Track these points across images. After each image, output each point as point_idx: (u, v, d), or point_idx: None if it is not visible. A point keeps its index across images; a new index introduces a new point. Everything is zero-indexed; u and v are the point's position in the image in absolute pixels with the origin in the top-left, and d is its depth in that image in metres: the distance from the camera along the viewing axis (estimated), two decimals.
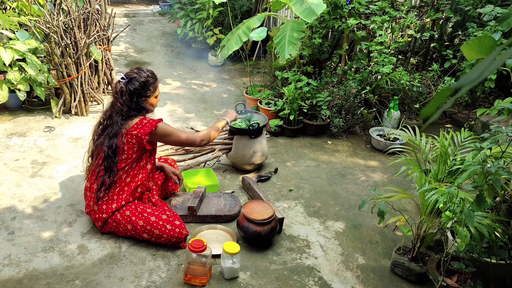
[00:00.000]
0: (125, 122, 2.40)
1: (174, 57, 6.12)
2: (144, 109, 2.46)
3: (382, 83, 3.95)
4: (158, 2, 8.18)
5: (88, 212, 2.51)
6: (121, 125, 2.39)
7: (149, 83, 2.44)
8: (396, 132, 2.49)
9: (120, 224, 2.41)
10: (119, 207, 2.42)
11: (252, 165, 3.21)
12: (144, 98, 2.44)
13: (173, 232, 2.36)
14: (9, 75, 3.68)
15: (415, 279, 2.24)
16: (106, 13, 4.30)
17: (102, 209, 2.42)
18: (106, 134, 2.41)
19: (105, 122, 2.46)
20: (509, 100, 1.86)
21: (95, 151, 2.49)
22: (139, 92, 2.41)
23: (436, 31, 4.53)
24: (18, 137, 3.61)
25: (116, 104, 2.41)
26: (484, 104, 4.28)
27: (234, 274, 2.21)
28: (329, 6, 3.93)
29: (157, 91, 2.51)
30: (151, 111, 2.52)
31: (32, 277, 2.16)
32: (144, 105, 2.44)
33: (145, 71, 2.46)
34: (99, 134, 2.48)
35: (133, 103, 2.40)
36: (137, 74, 2.42)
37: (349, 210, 2.87)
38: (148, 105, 2.48)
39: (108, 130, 2.42)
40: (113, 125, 2.40)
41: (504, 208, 2.19)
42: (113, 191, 2.43)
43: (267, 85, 4.66)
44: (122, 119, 2.40)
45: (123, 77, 2.41)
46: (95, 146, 2.50)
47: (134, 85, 2.39)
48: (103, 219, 2.42)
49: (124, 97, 2.39)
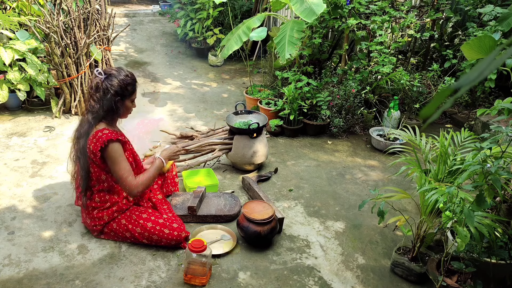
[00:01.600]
0: (96, 123, 2.27)
1: (174, 57, 6.12)
2: (116, 111, 2.30)
3: (382, 83, 3.95)
4: (158, 2, 8.17)
5: (84, 222, 2.50)
6: (92, 125, 2.26)
7: (127, 83, 2.29)
8: (396, 132, 2.49)
9: (118, 233, 2.40)
10: (111, 219, 2.39)
11: (252, 165, 3.21)
12: (119, 98, 2.28)
13: (171, 236, 2.35)
14: (9, 75, 3.68)
15: (415, 279, 2.24)
16: (106, 13, 4.30)
17: (94, 222, 2.39)
18: (78, 135, 2.31)
19: (80, 125, 2.35)
20: (509, 100, 1.86)
21: (74, 155, 2.39)
22: (115, 90, 2.25)
23: (436, 31, 4.53)
24: (18, 137, 3.61)
25: (89, 100, 2.28)
26: (484, 104, 4.28)
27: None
28: (329, 6, 3.93)
29: (134, 95, 2.37)
30: (123, 116, 2.39)
31: (32, 277, 2.16)
32: (117, 106, 2.28)
33: (125, 71, 2.33)
34: (76, 136, 2.36)
35: (105, 101, 2.24)
36: (116, 72, 2.29)
37: (349, 210, 2.87)
38: (122, 107, 2.32)
39: (79, 129, 2.31)
40: (83, 124, 2.29)
41: (504, 208, 2.19)
42: (103, 205, 2.38)
43: (267, 85, 4.66)
44: (92, 118, 2.27)
45: (100, 72, 2.26)
46: (74, 151, 2.38)
47: (112, 82, 2.24)
48: (97, 231, 2.41)
49: (98, 93, 2.25)
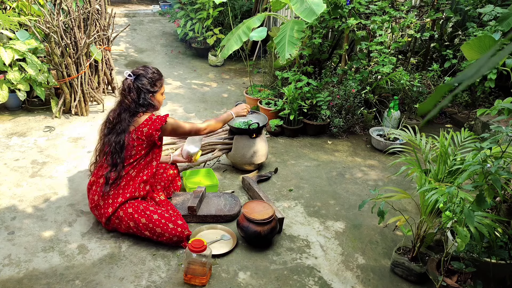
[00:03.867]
0: (133, 119, 2.45)
1: (174, 57, 6.12)
2: (151, 105, 2.50)
3: (382, 83, 3.95)
4: (158, 2, 8.17)
5: (93, 208, 2.51)
6: (129, 122, 2.43)
7: (156, 79, 2.50)
8: (396, 132, 2.49)
9: (122, 221, 2.42)
10: (125, 201, 2.44)
11: (252, 165, 3.21)
12: (151, 94, 2.49)
13: (174, 231, 2.36)
14: (9, 75, 3.68)
15: (415, 279, 2.24)
16: (106, 13, 4.30)
17: (108, 203, 2.43)
18: (114, 131, 2.45)
19: (113, 120, 2.49)
20: (509, 100, 1.86)
21: (103, 148, 2.52)
22: (146, 88, 2.46)
23: (436, 31, 4.53)
24: (18, 137, 3.61)
25: (124, 101, 2.46)
26: (484, 104, 4.28)
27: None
28: (329, 6, 3.93)
29: (163, 88, 2.57)
30: (157, 108, 2.57)
31: (32, 277, 2.17)
32: (151, 101, 2.49)
33: (151, 68, 2.53)
34: (107, 132, 2.50)
35: (140, 99, 2.44)
36: (144, 71, 2.49)
37: (349, 210, 2.87)
38: (155, 101, 2.53)
39: (116, 127, 2.45)
40: (121, 122, 2.44)
41: (504, 208, 2.19)
42: (120, 186, 2.45)
43: (267, 85, 4.66)
44: (129, 116, 2.44)
45: (130, 74, 2.46)
46: (102, 143, 2.52)
47: (142, 82, 2.45)
48: (107, 215, 2.43)
49: (132, 93, 2.44)
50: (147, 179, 2.55)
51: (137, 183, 2.49)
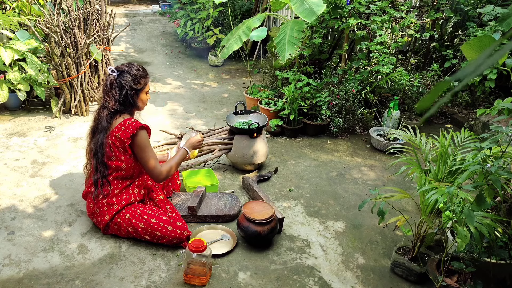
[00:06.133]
0: (112, 118, 2.34)
1: (174, 57, 6.12)
2: (133, 105, 2.40)
3: (382, 83, 3.95)
4: (158, 2, 8.17)
5: (90, 215, 2.51)
6: (108, 122, 2.34)
7: (140, 77, 2.39)
8: (396, 132, 2.49)
9: (121, 227, 2.41)
10: (121, 208, 2.41)
11: (252, 165, 3.21)
12: (134, 92, 2.37)
13: (174, 234, 2.36)
14: (9, 75, 3.68)
15: (415, 279, 2.24)
16: (106, 13, 4.30)
17: (103, 211, 2.41)
18: (97, 131, 2.37)
19: (95, 119, 2.41)
20: (509, 100, 1.85)
21: (90, 153, 2.45)
22: (129, 86, 2.35)
23: (436, 31, 4.53)
24: (18, 137, 3.61)
25: (105, 97, 2.36)
26: (484, 104, 4.28)
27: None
28: (329, 6, 3.93)
29: (147, 87, 2.46)
30: (141, 108, 2.48)
31: (32, 277, 2.16)
32: (133, 100, 2.38)
33: (136, 65, 2.42)
34: (92, 134, 2.44)
35: (121, 97, 2.34)
36: (128, 68, 2.38)
37: (349, 210, 2.87)
38: (138, 100, 2.42)
39: (98, 126, 2.37)
40: (101, 121, 2.35)
41: (504, 208, 2.19)
42: (114, 193, 2.42)
43: (267, 85, 4.66)
44: (109, 114, 2.34)
45: (113, 70, 2.35)
46: (89, 148, 2.46)
47: (125, 78, 2.34)
48: (105, 222, 2.41)
49: (113, 90, 2.33)
50: (141, 184, 2.52)
51: (130, 189, 2.46)
